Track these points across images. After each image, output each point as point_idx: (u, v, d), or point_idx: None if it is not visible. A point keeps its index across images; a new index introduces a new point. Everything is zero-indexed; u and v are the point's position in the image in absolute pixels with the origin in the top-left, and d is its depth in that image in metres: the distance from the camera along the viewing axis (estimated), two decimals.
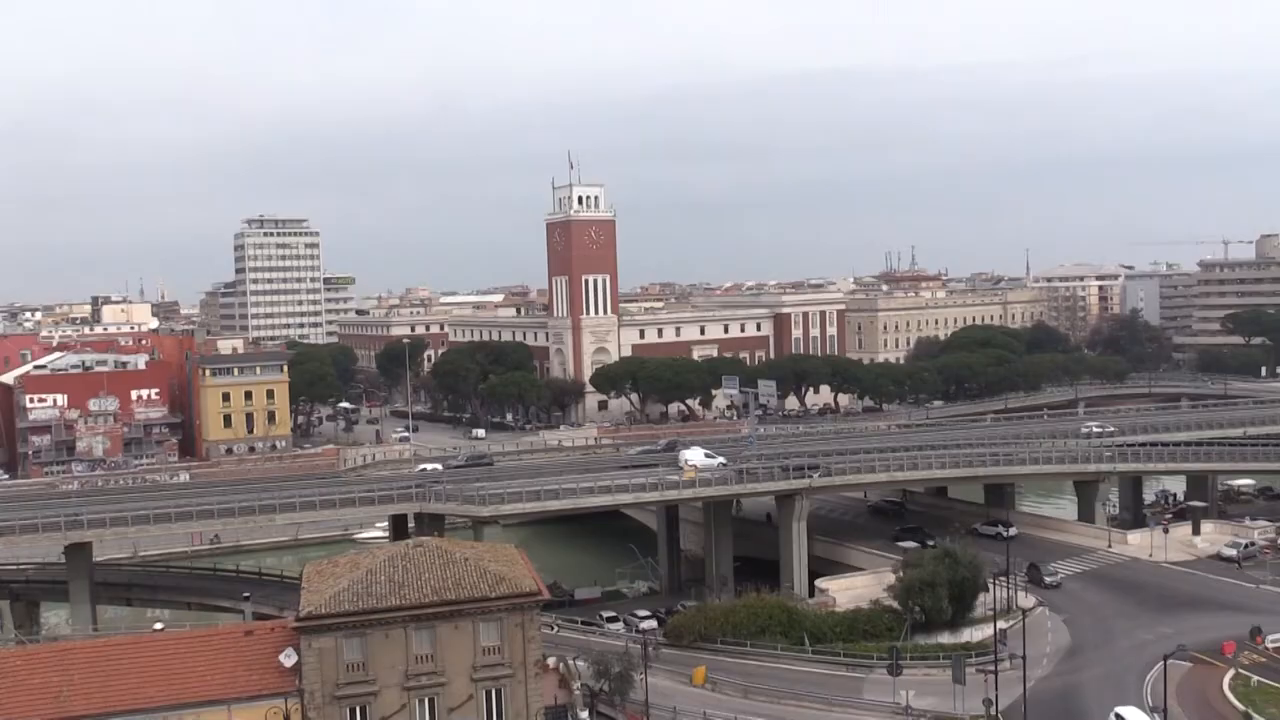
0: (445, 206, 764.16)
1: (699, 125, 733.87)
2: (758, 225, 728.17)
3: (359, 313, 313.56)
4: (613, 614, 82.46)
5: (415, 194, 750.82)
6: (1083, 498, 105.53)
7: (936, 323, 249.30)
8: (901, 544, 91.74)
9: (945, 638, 71.30)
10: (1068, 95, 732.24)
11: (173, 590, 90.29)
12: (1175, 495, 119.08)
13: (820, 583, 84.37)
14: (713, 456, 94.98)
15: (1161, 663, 59.08)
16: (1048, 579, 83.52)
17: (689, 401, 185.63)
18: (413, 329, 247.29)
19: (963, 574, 72.29)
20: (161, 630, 59.03)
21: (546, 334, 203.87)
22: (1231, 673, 64.59)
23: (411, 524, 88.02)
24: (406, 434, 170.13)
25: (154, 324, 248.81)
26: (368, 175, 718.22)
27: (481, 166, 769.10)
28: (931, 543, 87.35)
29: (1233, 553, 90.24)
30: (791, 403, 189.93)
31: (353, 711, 48.56)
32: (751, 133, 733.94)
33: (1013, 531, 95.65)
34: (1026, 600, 76.51)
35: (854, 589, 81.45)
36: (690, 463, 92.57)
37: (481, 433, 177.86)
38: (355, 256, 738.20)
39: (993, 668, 60.96)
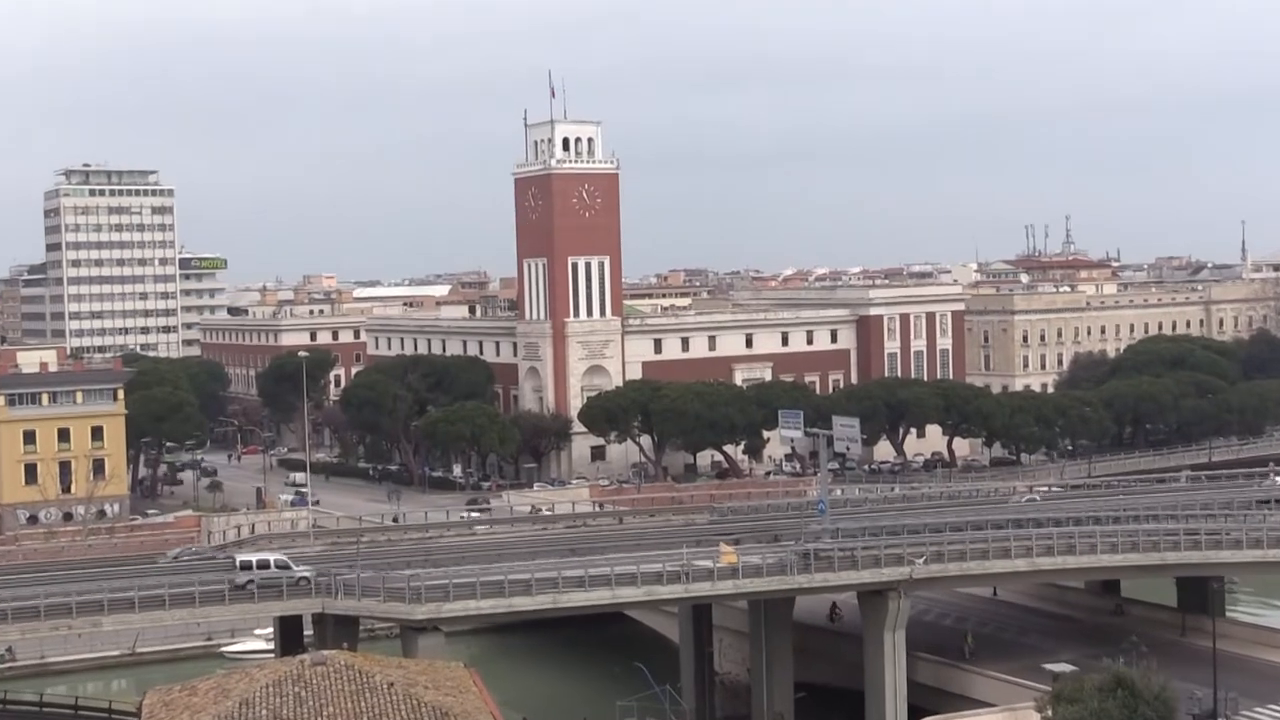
0: (363, 155, 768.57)
1: (750, 37, 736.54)
2: (833, 185, 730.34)
3: (233, 311, 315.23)
4: None
5: (317, 137, 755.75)
6: None
7: (1103, 331, 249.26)
8: (1049, 667, 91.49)
9: None
10: None
11: None
12: None
13: None
14: None
15: None
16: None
17: (728, 448, 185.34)
18: (313, 336, 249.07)
19: (1145, 713, 71.70)
20: None
21: (514, 345, 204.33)
22: None
23: (309, 631, 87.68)
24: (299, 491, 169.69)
25: None
26: (249, 111, 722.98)
27: (417, 96, 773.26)
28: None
29: None
30: (884, 450, 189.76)
31: None
32: (830, 47, 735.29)
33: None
34: None
35: None
36: None
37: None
38: (228, 227, 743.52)
39: None
